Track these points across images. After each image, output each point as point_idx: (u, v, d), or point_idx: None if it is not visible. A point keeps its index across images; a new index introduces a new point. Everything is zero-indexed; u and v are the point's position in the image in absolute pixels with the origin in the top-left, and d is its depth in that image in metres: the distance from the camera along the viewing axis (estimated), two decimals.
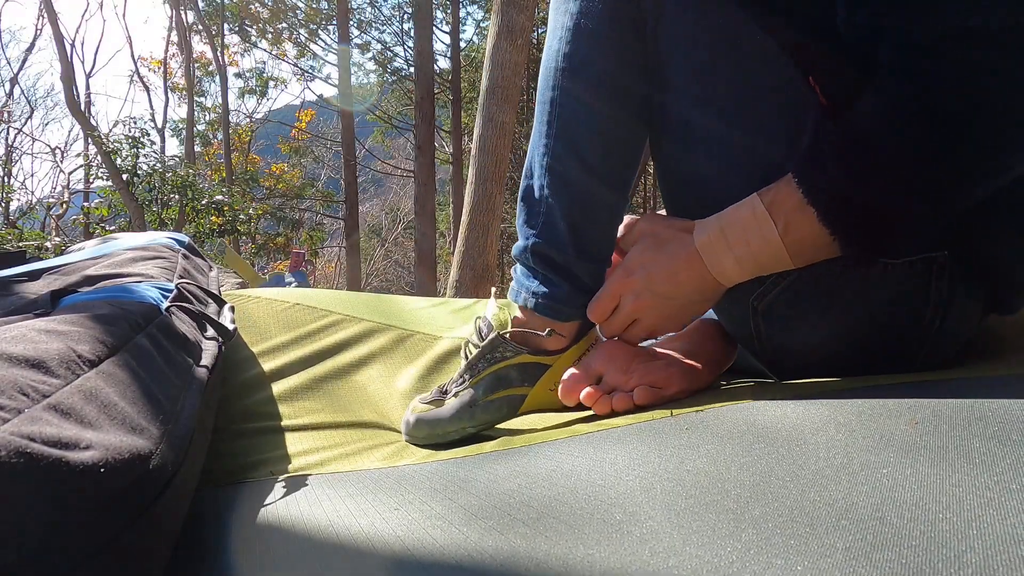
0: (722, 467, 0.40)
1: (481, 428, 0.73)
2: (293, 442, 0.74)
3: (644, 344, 0.74)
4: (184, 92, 13.84)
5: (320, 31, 12.74)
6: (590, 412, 0.72)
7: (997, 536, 0.26)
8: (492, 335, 0.73)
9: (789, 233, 0.55)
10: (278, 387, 0.88)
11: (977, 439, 0.34)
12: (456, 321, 1.15)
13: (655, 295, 0.64)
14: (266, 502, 0.55)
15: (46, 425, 0.33)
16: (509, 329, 0.73)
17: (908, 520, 0.28)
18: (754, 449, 0.42)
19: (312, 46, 12.86)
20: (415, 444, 0.75)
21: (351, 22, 11.46)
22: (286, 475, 0.63)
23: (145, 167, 7.79)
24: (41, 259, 1.09)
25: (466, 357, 0.75)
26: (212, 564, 0.49)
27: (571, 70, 0.67)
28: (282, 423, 0.80)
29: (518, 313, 0.73)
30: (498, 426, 0.75)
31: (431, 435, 0.74)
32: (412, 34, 10.56)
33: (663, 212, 0.82)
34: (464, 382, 0.74)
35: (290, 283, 6.36)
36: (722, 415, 0.54)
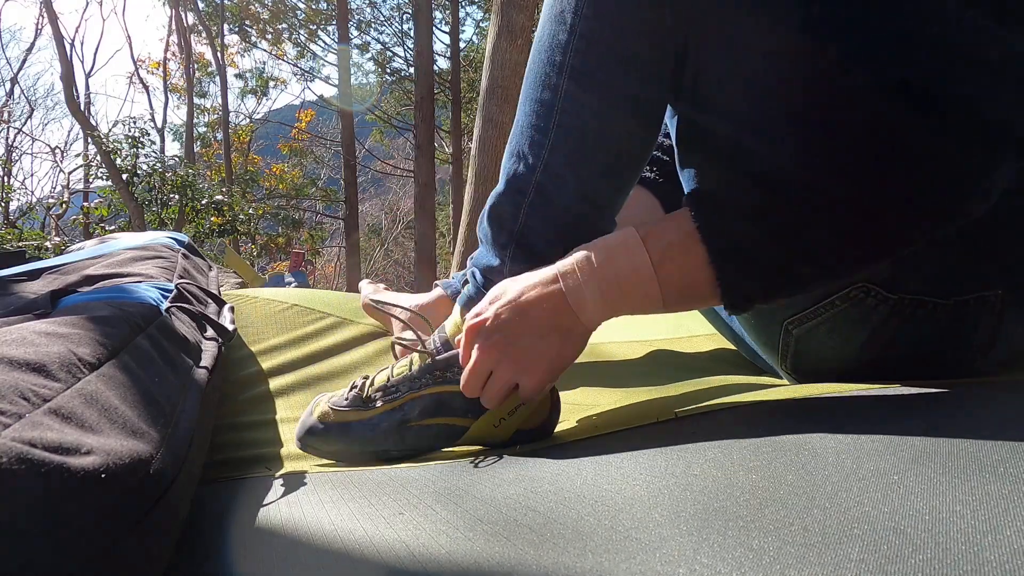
0: (729, 471, 0.39)
1: (406, 454, 0.63)
2: (290, 436, 0.74)
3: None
4: (184, 93, 13.84)
5: (320, 31, 12.74)
6: (590, 415, 0.71)
7: (1014, 547, 0.25)
8: (448, 353, 0.62)
9: (664, 266, 0.50)
10: (274, 383, 0.88)
11: (990, 446, 0.33)
12: None
13: (516, 347, 0.55)
14: (265, 502, 0.54)
15: (47, 430, 0.33)
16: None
17: (922, 530, 0.27)
18: (761, 452, 0.41)
19: (312, 46, 12.86)
20: (315, 455, 0.65)
21: (351, 22, 11.46)
22: (284, 472, 0.63)
23: (145, 167, 7.79)
24: (41, 259, 1.08)
25: (409, 366, 0.64)
26: (212, 565, 0.49)
27: (579, 69, 0.58)
28: (278, 416, 0.80)
29: None
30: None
31: (344, 451, 0.63)
32: (412, 34, 10.56)
33: None
34: (398, 394, 0.63)
35: (290, 283, 6.36)
36: (727, 417, 0.53)
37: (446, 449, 0.64)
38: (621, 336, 1.16)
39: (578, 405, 0.79)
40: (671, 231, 0.50)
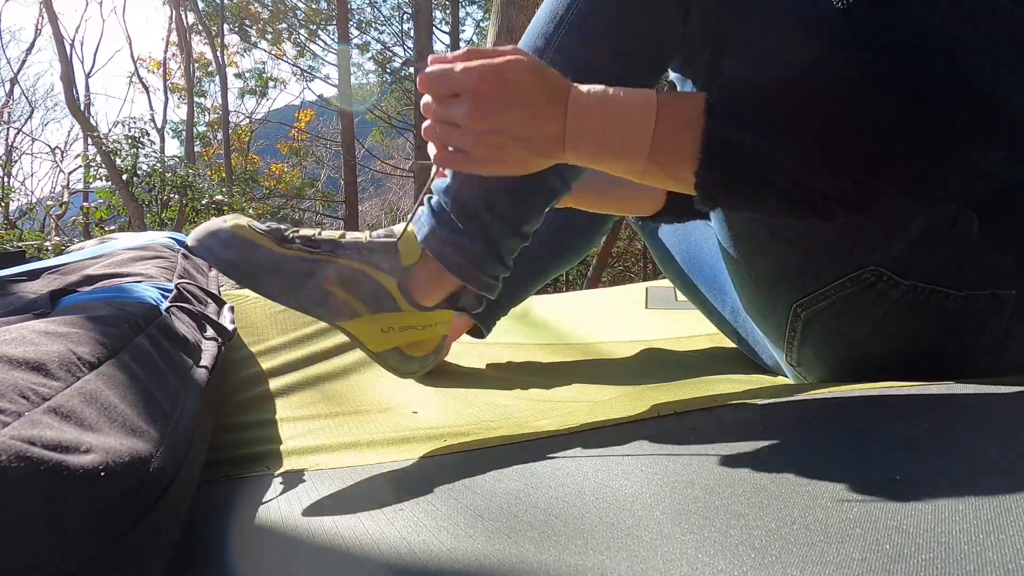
0: (731, 469, 0.39)
1: (285, 303, 0.60)
2: (290, 435, 0.74)
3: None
4: (184, 92, 13.83)
5: (320, 31, 12.74)
6: (586, 405, 0.71)
7: (1016, 547, 0.25)
8: (392, 239, 0.62)
9: (662, 132, 0.50)
10: (274, 383, 0.88)
11: (992, 444, 0.33)
12: None
13: (495, 104, 0.50)
14: (265, 499, 0.54)
15: (46, 429, 0.33)
16: (412, 249, 0.62)
17: (924, 530, 0.27)
18: (763, 451, 0.41)
19: (312, 46, 12.87)
20: (203, 255, 0.61)
21: (351, 22, 11.46)
22: (283, 471, 0.63)
23: (145, 167, 7.78)
24: (41, 259, 1.08)
25: (343, 234, 0.64)
26: (211, 564, 0.49)
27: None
28: (277, 416, 0.80)
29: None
30: (491, 417, 0.72)
31: (234, 263, 0.60)
32: (412, 34, 10.56)
33: None
34: (319, 249, 0.62)
35: None
36: (730, 415, 0.53)
37: (444, 443, 0.64)
38: (621, 336, 1.16)
39: (576, 402, 0.79)
40: (685, 106, 0.50)
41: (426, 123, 0.54)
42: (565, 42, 0.60)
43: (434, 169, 0.60)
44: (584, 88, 0.51)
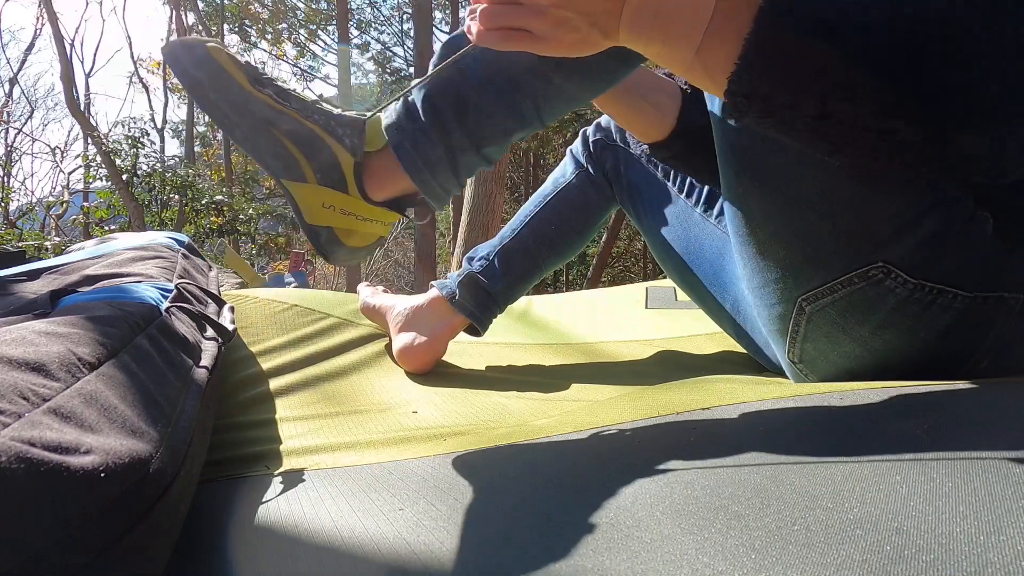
0: (731, 470, 0.39)
1: (242, 148, 0.61)
2: (290, 435, 0.74)
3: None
4: (184, 92, 13.81)
5: (320, 31, 12.76)
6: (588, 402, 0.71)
7: (1017, 548, 0.25)
8: (361, 117, 0.64)
9: (712, 30, 0.47)
10: (274, 383, 0.88)
11: (994, 445, 0.33)
12: None
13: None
14: (265, 499, 0.54)
15: (46, 430, 0.33)
16: (376, 135, 0.63)
17: (925, 531, 0.27)
18: (763, 451, 0.41)
19: (312, 46, 12.88)
20: (171, 61, 0.61)
21: (351, 22, 11.47)
22: (283, 470, 0.63)
23: (145, 167, 7.79)
24: (41, 259, 1.08)
25: (320, 99, 0.65)
26: (211, 564, 0.49)
27: None
28: (277, 416, 0.80)
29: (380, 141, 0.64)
30: (492, 418, 0.73)
31: (200, 79, 0.60)
32: (412, 34, 10.56)
33: None
34: (286, 103, 0.62)
35: (290, 283, 6.36)
36: (730, 415, 0.53)
37: (444, 443, 0.64)
38: (621, 336, 1.16)
39: (576, 402, 0.79)
40: (741, 7, 0.47)
41: (479, 7, 0.52)
42: None
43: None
44: None
